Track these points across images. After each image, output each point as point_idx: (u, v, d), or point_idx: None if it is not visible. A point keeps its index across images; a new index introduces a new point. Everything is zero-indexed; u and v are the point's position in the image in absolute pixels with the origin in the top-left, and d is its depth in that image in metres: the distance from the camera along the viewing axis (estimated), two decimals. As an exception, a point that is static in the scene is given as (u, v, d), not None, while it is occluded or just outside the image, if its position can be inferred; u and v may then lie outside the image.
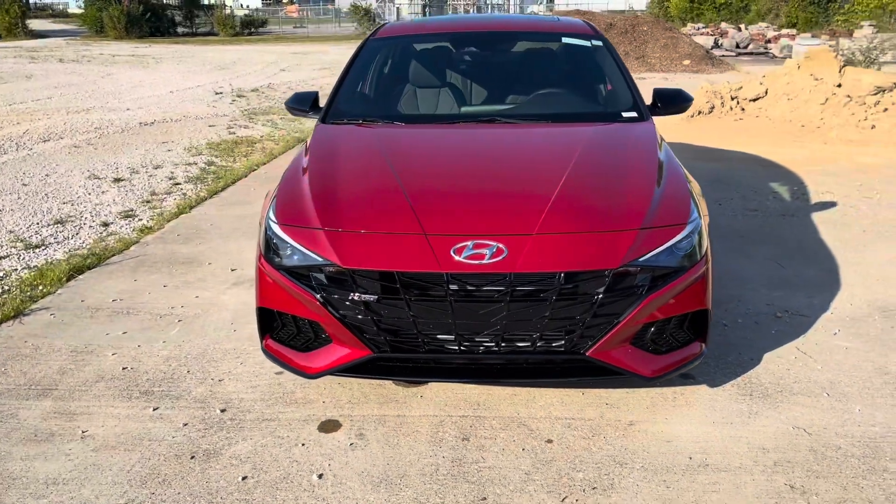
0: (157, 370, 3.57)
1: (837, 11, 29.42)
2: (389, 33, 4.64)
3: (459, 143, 3.72)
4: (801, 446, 2.88)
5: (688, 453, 2.85)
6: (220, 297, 4.46)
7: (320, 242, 2.93)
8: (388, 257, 2.84)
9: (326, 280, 2.90)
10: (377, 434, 3.02)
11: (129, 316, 4.21)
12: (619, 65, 4.32)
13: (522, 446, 2.92)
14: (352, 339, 2.90)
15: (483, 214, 2.99)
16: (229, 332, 3.97)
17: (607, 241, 2.85)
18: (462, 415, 3.15)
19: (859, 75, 10.47)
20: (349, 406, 3.23)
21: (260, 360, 3.64)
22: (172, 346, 3.83)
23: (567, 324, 2.80)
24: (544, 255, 2.79)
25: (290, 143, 9.40)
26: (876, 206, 6.15)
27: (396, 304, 2.82)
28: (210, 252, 5.28)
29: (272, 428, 3.08)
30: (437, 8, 58.07)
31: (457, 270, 2.76)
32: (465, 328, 2.81)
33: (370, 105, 4.29)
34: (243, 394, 3.35)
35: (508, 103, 4.19)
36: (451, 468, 2.79)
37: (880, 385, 3.32)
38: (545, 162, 3.43)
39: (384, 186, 3.20)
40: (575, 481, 2.70)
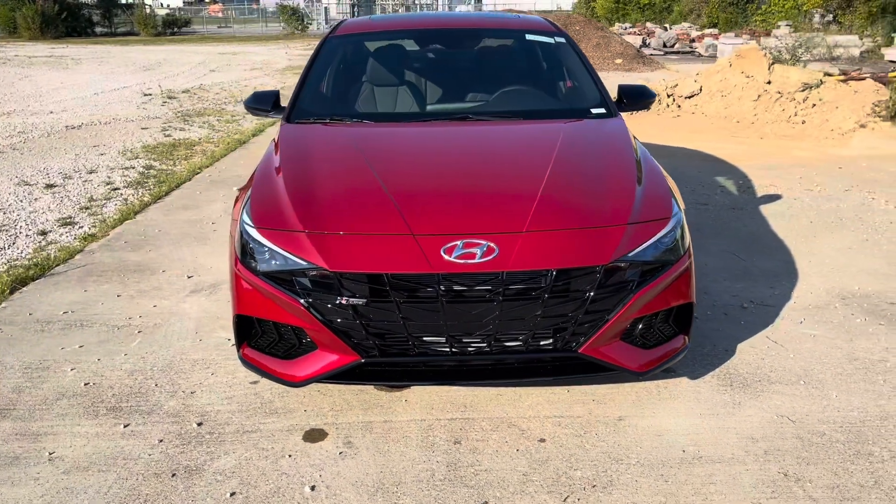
0: (123, 384, 3.39)
1: (755, 12, 30.50)
2: (350, 31, 4.54)
3: (436, 141, 3.65)
4: (787, 434, 2.93)
5: (680, 446, 2.87)
6: (179, 306, 4.28)
7: (303, 246, 2.83)
8: (377, 259, 2.75)
9: (311, 284, 2.80)
10: (366, 441, 2.94)
11: (83, 328, 3.99)
12: (584, 61, 4.34)
13: (516, 447, 2.88)
14: (339, 345, 2.81)
15: (470, 213, 2.94)
16: (195, 342, 3.81)
17: (597, 237, 2.84)
18: (450, 417, 3.09)
19: (787, 72, 10.86)
20: (332, 414, 3.13)
21: (232, 370, 3.50)
22: (135, 358, 3.65)
23: (559, 321, 2.77)
24: (535, 252, 2.76)
25: (231, 145, 9.15)
26: (818, 199, 6.37)
27: (385, 307, 2.74)
28: (162, 259, 5.07)
29: (255, 440, 2.96)
30: (365, 8, 57.75)
31: (448, 271, 2.71)
32: (456, 329, 2.76)
33: (336, 104, 4.18)
34: (219, 406, 3.21)
35: (478, 100, 4.15)
36: (446, 473, 2.73)
37: (852, 371, 3.42)
38: (525, 159, 3.41)
39: (366, 187, 3.11)
40: (574, 480, 2.68)
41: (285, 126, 3.84)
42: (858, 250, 5.04)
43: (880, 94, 9.99)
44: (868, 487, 2.61)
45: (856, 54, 20.41)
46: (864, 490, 2.60)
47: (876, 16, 23.62)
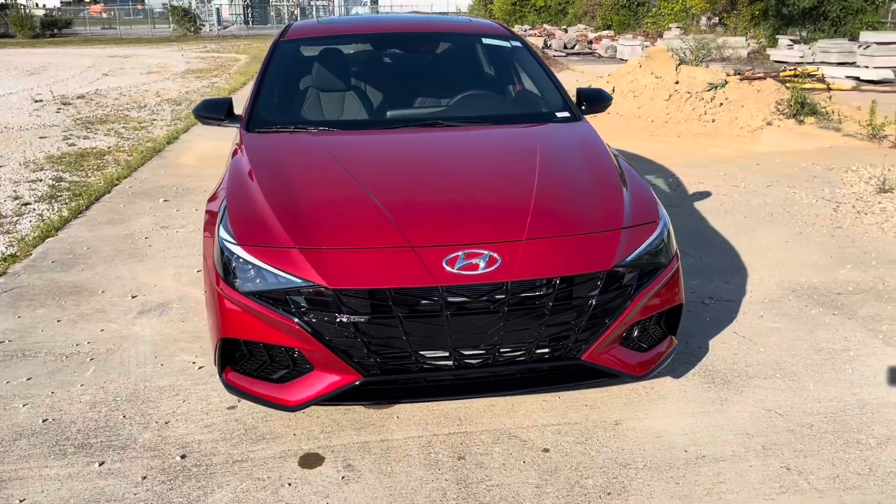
0: (87, 419, 3.14)
1: (646, 14, 31.70)
2: (301, 35, 4.38)
3: (413, 149, 3.56)
4: (778, 428, 3.01)
5: (681, 447, 2.90)
6: (130, 329, 4.01)
7: (297, 263, 2.69)
8: (378, 274, 2.65)
9: (308, 303, 2.67)
10: (366, 463, 2.82)
11: (27, 359, 3.68)
12: (542, 65, 4.34)
13: (522, 459, 2.84)
14: (338, 365, 2.69)
15: (466, 222, 2.87)
16: (156, 368, 3.58)
17: (596, 242, 2.84)
18: (448, 432, 3.02)
19: (693, 73, 11.31)
20: (324, 436, 3.00)
21: (205, 396, 3.30)
22: (94, 388, 3.39)
23: (562, 329, 2.75)
24: (538, 260, 2.72)
25: (146, 154, 8.70)
26: (745, 194, 6.64)
27: (387, 323, 2.64)
28: (99, 279, 4.75)
29: (248, 469, 2.79)
30: (259, 9, 56.47)
31: (452, 283, 2.63)
32: (461, 342, 2.69)
33: (297, 111, 4.01)
34: (199, 435, 3.02)
35: (442, 106, 4.07)
36: (458, 491, 2.66)
37: (820, 362, 3.56)
38: (509, 165, 3.37)
39: (354, 198, 2.99)
40: (588, 489, 2.66)
41: (248, 135, 3.66)
42: (795, 244, 5.27)
43: (781, 92, 10.54)
44: (864, 475, 2.72)
45: (743, 55, 21.51)
46: (862, 478, 2.70)
47: (758, 19, 24.98)
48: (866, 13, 22.19)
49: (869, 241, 5.32)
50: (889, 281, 4.56)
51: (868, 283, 4.54)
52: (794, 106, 9.87)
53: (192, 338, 3.90)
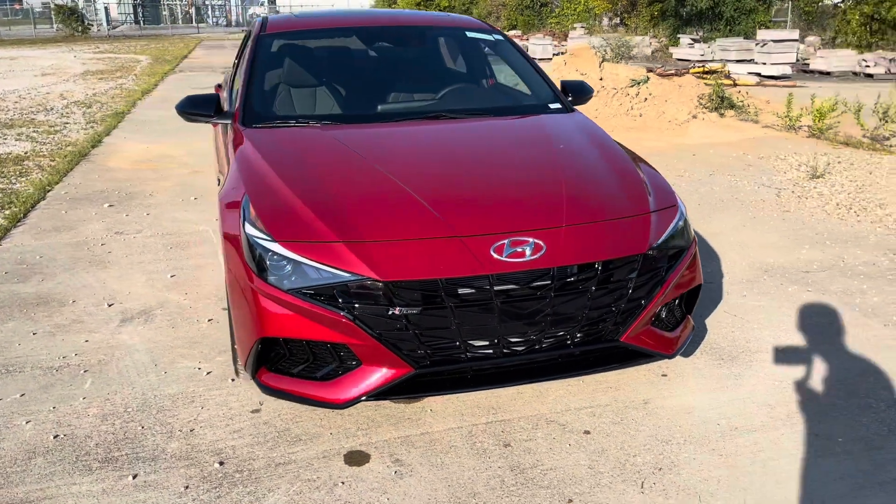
0: (102, 432, 2.98)
1: (549, 15, 32.44)
2: (282, 28, 4.26)
3: (429, 141, 3.54)
4: (795, 398, 3.17)
5: (713, 421, 3.01)
6: (117, 339, 3.81)
7: (344, 257, 2.64)
8: (428, 265, 2.63)
9: (356, 297, 2.62)
10: (414, 457, 2.80)
11: (12, 374, 3.45)
12: (527, 57, 4.40)
13: (566, 442, 2.88)
14: (389, 358, 2.65)
15: (506, 210, 2.89)
16: (160, 376, 3.42)
17: (630, 226, 2.91)
18: (486, 422, 3.02)
19: (616, 70, 11.68)
20: (362, 433, 2.95)
21: (222, 402, 3.19)
22: (99, 401, 3.21)
23: (603, 312, 2.81)
24: (579, 246, 2.77)
25: (71, 158, 8.24)
26: (692, 183, 6.92)
27: (438, 314, 2.63)
28: (64, 289, 4.49)
29: (294, 472, 2.71)
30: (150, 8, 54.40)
31: (501, 271, 2.65)
32: (509, 330, 2.71)
33: (294, 105, 3.91)
34: (230, 441, 2.91)
35: (438, 98, 4.06)
36: (515, 477, 2.67)
37: (813, 335, 3.76)
38: (527, 154, 3.40)
39: (388, 191, 2.95)
40: (639, 466, 2.73)
41: (249, 131, 3.54)
42: (751, 228, 5.55)
43: (700, 88, 11.03)
44: (885, 436, 2.90)
45: (648, 53, 22.36)
46: (884, 438, 2.88)
47: (657, 19, 26.01)
48: (758, 13, 23.50)
49: (817, 223, 5.65)
50: (847, 259, 4.87)
51: (829, 261, 4.83)
52: (715, 100, 10.35)
53: (189, 344, 3.75)
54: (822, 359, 3.51)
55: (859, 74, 16.95)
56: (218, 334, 3.85)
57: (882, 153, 8.14)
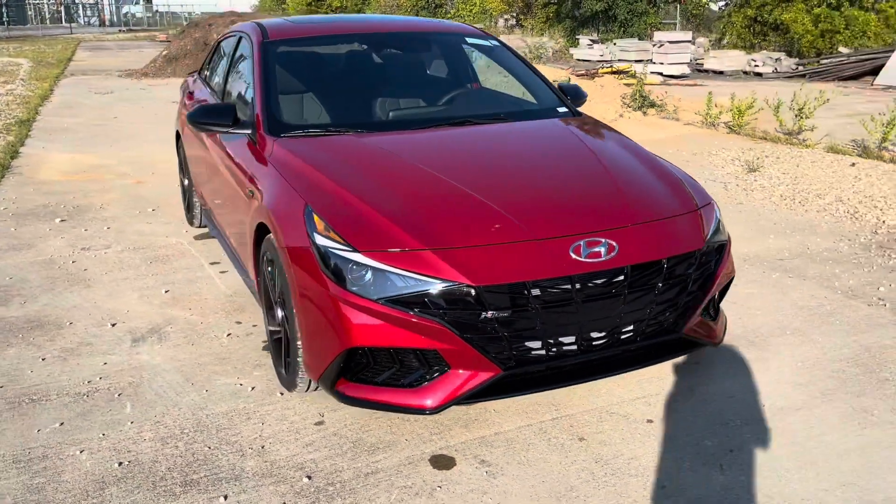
0: (168, 455, 2.88)
1: (445, 16, 32.79)
2: (286, 35, 4.18)
3: (472, 146, 3.58)
4: (821, 376, 3.44)
5: (758, 403, 3.22)
6: (137, 359, 3.67)
7: (433, 264, 2.67)
8: (516, 268, 2.71)
9: (448, 303, 2.66)
10: (497, 456, 2.86)
11: (40, 403, 3.26)
12: (527, 63, 4.52)
13: (636, 432, 3.02)
14: (478, 361, 2.71)
15: (574, 212, 3.00)
16: (203, 395, 3.33)
17: (685, 223, 3.08)
18: (552, 418, 3.12)
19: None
20: (437, 438, 2.98)
21: (280, 416, 3.14)
22: (150, 424, 3.10)
23: (667, 307, 2.97)
24: (648, 244, 2.92)
25: (-2, 171, 7.73)
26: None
27: (525, 315, 2.71)
28: (53, 310, 4.26)
29: (386, 480, 2.72)
30: (16, 8, 51.14)
31: (582, 271, 2.76)
32: (588, 328, 2.82)
33: (319, 113, 3.85)
34: (307, 455, 2.88)
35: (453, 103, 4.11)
36: (603, 469, 2.78)
37: (809, 317, 4.07)
38: (569, 156, 3.51)
39: (456, 196, 2.99)
40: (711, 449, 2.90)
41: (281, 140, 3.47)
42: (715, 220, 5.88)
43: (620, 88, 11.51)
44: (910, 405, 3.21)
45: (549, 54, 23.01)
46: (911, 407, 3.18)
47: (553, 20, 26.81)
48: (650, 15, 24.66)
49: (771, 214, 6.07)
50: (811, 246, 5.27)
51: (796, 248, 5.22)
52: (638, 99, 10.83)
53: (217, 360, 3.65)
54: (828, 338, 3.81)
55: (749, 73, 18.11)
56: (244, 349, 3.77)
57: (800, 147, 8.79)
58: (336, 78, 4.12)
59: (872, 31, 19.87)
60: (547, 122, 3.93)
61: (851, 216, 5.97)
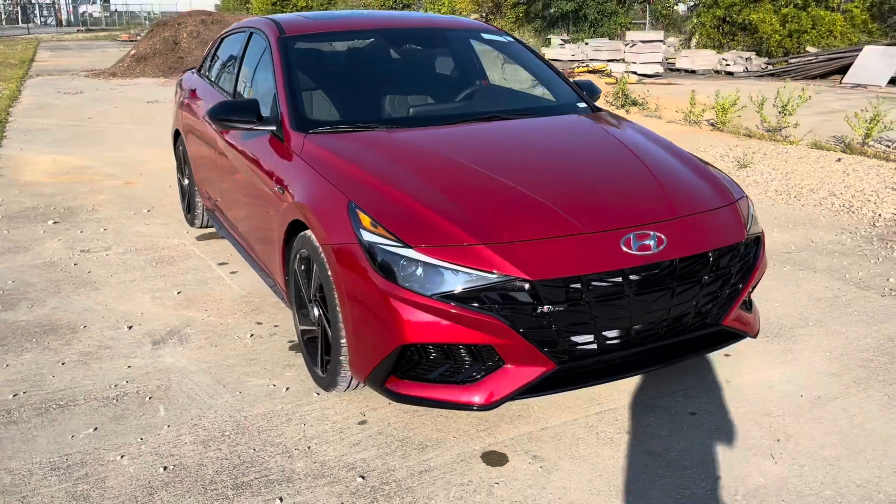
0: (213, 458, 2.81)
1: (414, 15, 32.76)
2: (302, 31, 4.11)
3: (507, 141, 3.55)
4: (851, 366, 3.48)
5: (795, 393, 3.26)
6: (162, 362, 3.58)
7: (488, 259, 2.65)
8: (570, 262, 2.69)
9: (503, 298, 2.64)
10: (549, 451, 2.85)
11: (69, 409, 3.17)
12: (541, 58, 4.51)
13: (681, 425, 3.02)
14: (533, 356, 2.69)
15: (620, 205, 2.99)
16: (237, 397, 3.26)
17: (726, 216, 3.10)
18: (596, 412, 3.12)
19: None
20: (485, 434, 2.96)
21: (321, 417, 3.09)
22: (188, 427, 3.02)
23: (711, 299, 2.98)
24: (694, 237, 2.93)
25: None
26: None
27: (579, 309, 2.70)
28: (64, 314, 4.14)
29: (442, 478, 2.69)
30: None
31: (634, 264, 2.76)
32: (638, 321, 2.82)
33: (345, 109, 3.79)
34: (357, 455, 2.84)
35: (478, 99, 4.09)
36: (657, 461, 2.78)
37: (827, 308, 4.13)
38: (603, 150, 3.51)
39: (502, 191, 2.97)
40: (758, 439, 2.92)
41: (312, 136, 3.40)
42: (716, 215, 5.95)
43: (602, 86, 11.59)
44: (941, 392, 3.27)
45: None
46: (942, 395, 3.24)
47: (522, 20, 26.92)
48: (619, 15, 24.91)
49: (769, 209, 6.16)
50: (814, 239, 5.36)
51: (801, 242, 5.29)
52: (621, 97, 10.92)
53: (245, 361, 3.58)
54: (850, 329, 3.86)
55: (720, 72, 18.40)
56: (270, 349, 3.70)
57: (784, 143, 8.93)
58: (357, 73, 4.07)
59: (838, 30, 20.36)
60: (573, 117, 3.92)
61: (847, 210, 6.08)
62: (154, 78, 18.22)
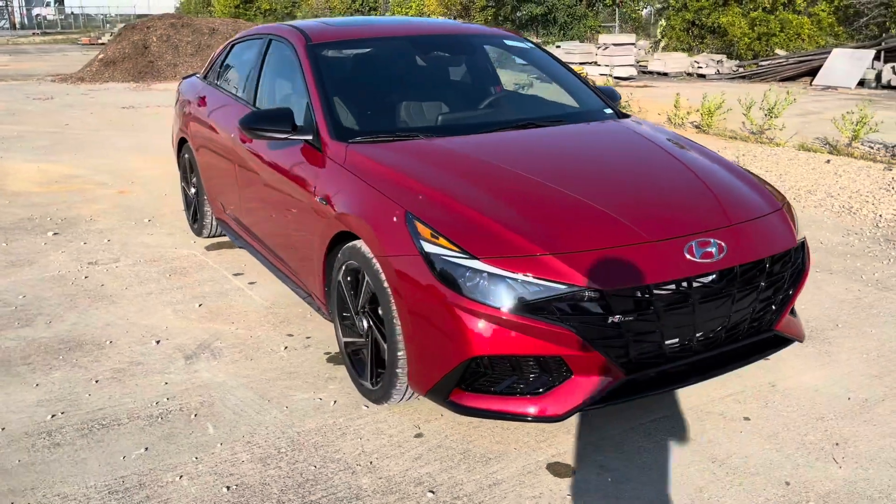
0: (275, 477, 2.75)
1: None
2: (329, 38, 4.04)
3: (550, 148, 3.52)
4: (890, 367, 3.53)
5: (842, 395, 3.29)
6: (199, 377, 3.50)
7: (556, 269, 2.63)
8: (638, 271, 2.69)
9: (575, 308, 2.62)
10: (614, 460, 2.83)
11: (114, 428, 3.08)
12: (564, 64, 4.51)
13: (737, 430, 3.04)
14: (602, 366, 2.68)
15: (678, 212, 3.00)
16: (284, 412, 3.19)
17: (776, 222, 3.12)
18: (651, 420, 3.12)
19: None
20: (546, 446, 2.94)
21: (376, 430, 3.04)
22: (240, 445, 2.95)
23: (766, 305, 3.00)
24: (751, 244, 2.94)
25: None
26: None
27: (647, 318, 2.70)
28: (86, 329, 4.03)
29: (513, 490, 2.66)
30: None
31: (699, 272, 2.76)
32: (701, 328, 2.82)
33: (380, 118, 3.74)
34: (421, 469, 2.80)
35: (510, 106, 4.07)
36: (722, 469, 2.79)
37: (853, 310, 4.19)
38: (647, 157, 3.50)
39: (560, 199, 2.95)
40: (815, 443, 2.94)
41: (355, 146, 3.34)
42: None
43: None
44: (980, 392, 3.33)
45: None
46: (982, 394, 3.31)
47: (491, 24, 27.00)
48: (588, 18, 25.13)
49: (772, 211, 6.24)
50: (823, 240, 5.44)
51: (810, 243, 5.35)
52: (606, 101, 10.98)
53: (285, 375, 3.52)
54: (880, 330, 3.93)
55: (693, 75, 18.66)
56: (308, 362, 3.64)
57: (771, 145, 9.08)
58: (388, 81, 4.02)
59: (806, 33, 20.81)
60: (611, 123, 3.92)
61: (848, 211, 6.20)
62: (124, 83, 17.91)
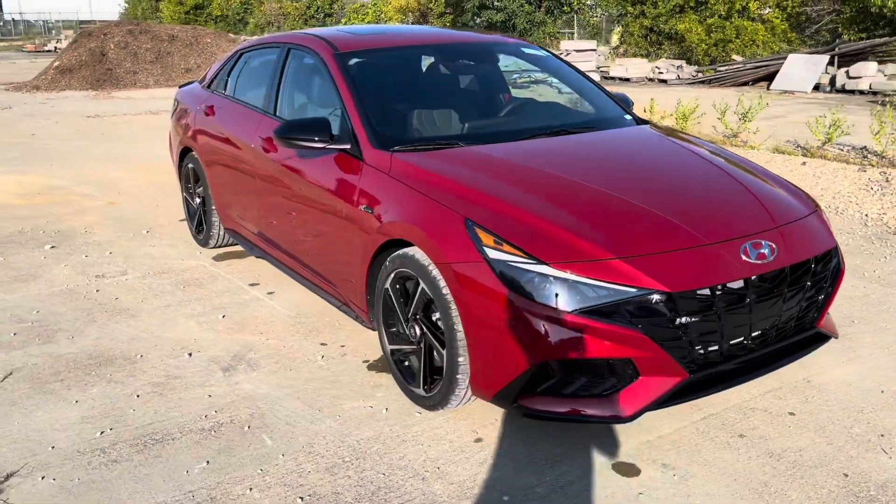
0: (346, 486, 2.75)
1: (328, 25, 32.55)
2: (355, 47, 4.04)
3: (593, 154, 3.59)
4: (915, 361, 3.70)
5: (875, 389, 3.42)
6: (241, 389, 3.47)
7: (625, 273, 2.69)
8: (702, 273, 2.77)
9: (644, 311, 2.69)
10: (674, 458, 2.90)
11: (168, 443, 3.04)
12: (580, 71, 4.59)
13: (785, 425, 3.13)
14: (669, 367, 2.75)
15: (728, 215, 3.08)
16: (337, 420, 3.19)
17: (815, 223, 3.24)
18: (701, 418, 3.20)
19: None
20: (606, 446, 2.99)
21: (435, 437, 3.06)
22: (303, 455, 2.94)
23: (810, 303, 3.11)
24: (799, 244, 3.05)
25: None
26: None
27: (710, 318, 2.78)
28: (112, 343, 3.96)
29: (585, 491, 2.71)
30: None
31: (756, 273, 2.86)
32: (756, 327, 2.92)
33: (418, 126, 3.75)
34: (490, 473, 2.83)
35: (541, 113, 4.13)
36: (780, 463, 2.88)
37: (864, 306, 4.34)
38: (685, 162, 3.59)
39: (617, 204, 3.01)
40: (861, 434, 3.05)
41: (400, 155, 3.36)
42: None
43: (560, 95, 11.84)
44: None
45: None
46: None
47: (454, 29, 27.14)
48: (547, 25, 25.44)
49: (764, 212, 6.42)
50: (819, 240, 5.62)
51: (808, 244, 5.55)
52: (582, 106, 11.16)
53: (328, 384, 3.51)
54: (893, 325, 4.09)
55: (654, 80, 19.04)
56: (349, 370, 3.64)
57: (746, 148, 9.33)
58: (420, 89, 4.05)
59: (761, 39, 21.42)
60: (639, 129, 4.01)
61: (834, 211, 6.42)
62: (82, 91, 17.52)
